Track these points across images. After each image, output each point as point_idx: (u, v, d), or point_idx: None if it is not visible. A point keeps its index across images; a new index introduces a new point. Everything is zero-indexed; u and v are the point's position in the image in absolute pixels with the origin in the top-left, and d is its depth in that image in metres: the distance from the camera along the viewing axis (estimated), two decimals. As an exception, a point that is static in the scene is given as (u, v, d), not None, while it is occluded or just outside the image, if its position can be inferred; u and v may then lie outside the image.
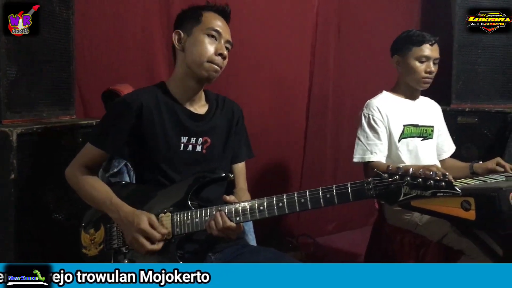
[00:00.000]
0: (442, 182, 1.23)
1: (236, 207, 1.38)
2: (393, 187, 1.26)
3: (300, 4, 3.03)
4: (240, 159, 1.72)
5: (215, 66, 1.53)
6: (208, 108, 1.64)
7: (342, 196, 1.31)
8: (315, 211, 3.22)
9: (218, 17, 1.58)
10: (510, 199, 1.40)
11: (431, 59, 2.17)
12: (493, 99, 3.13)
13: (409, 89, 2.25)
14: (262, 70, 2.89)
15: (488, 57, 3.14)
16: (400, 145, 2.17)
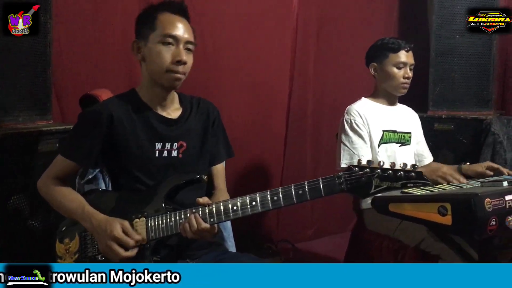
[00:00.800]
0: (412, 173, 1.26)
1: (210, 209, 1.38)
2: (364, 180, 1.28)
3: (280, 10, 3.04)
4: (219, 160, 1.69)
5: (175, 75, 1.49)
6: (182, 112, 1.61)
7: (314, 191, 1.32)
8: (294, 217, 3.27)
9: (174, 18, 1.50)
10: (486, 204, 1.42)
11: (408, 65, 2.21)
12: (468, 106, 3.19)
13: (387, 96, 2.29)
14: (242, 75, 2.89)
15: (464, 65, 3.20)
16: (379, 150, 2.20)
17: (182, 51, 1.48)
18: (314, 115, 3.34)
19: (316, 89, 3.32)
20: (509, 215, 1.48)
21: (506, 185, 1.59)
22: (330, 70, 3.39)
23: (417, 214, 1.59)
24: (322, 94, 3.37)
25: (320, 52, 3.30)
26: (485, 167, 2.09)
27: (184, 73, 1.51)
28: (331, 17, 3.34)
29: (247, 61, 2.91)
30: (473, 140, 3.04)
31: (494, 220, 1.44)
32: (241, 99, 2.92)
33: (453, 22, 3.22)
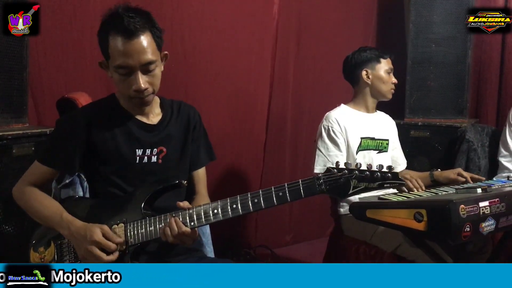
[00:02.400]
0: (388, 173, 1.31)
1: (190, 212, 1.37)
2: (342, 181, 1.31)
3: (261, 16, 3.06)
4: (200, 165, 1.67)
5: (140, 100, 1.45)
6: (162, 117, 1.59)
7: (294, 193, 1.33)
8: (272, 222, 3.27)
9: (124, 44, 1.38)
10: (461, 211, 1.45)
11: (392, 71, 2.31)
12: (444, 114, 3.25)
13: (367, 103, 2.32)
14: (222, 80, 2.89)
15: (439, 74, 3.27)
16: (358, 157, 2.22)
17: (139, 79, 1.40)
18: (293, 121, 3.36)
19: (295, 95, 3.34)
20: (482, 222, 1.51)
21: (480, 192, 1.63)
22: (309, 76, 3.41)
23: (394, 220, 1.61)
24: (301, 99, 3.39)
25: (299, 58, 3.33)
26: (456, 174, 2.14)
27: (148, 94, 1.46)
28: (311, 25, 3.37)
29: (228, 66, 2.91)
30: (448, 147, 3.10)
31: (469, 227, 1.47)
32: (221, 103, 2.92)
33: (430, 31, 3.29)
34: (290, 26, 3.24)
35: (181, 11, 2.62)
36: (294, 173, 3.40)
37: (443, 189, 1.93)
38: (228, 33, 2.88)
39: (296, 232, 3.50)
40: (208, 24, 2.77)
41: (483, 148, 3.03)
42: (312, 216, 3.51)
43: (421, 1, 3.29)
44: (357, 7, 3.70)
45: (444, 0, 3.23)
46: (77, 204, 1.51)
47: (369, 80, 2.30)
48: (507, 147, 2.86)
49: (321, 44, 3.44)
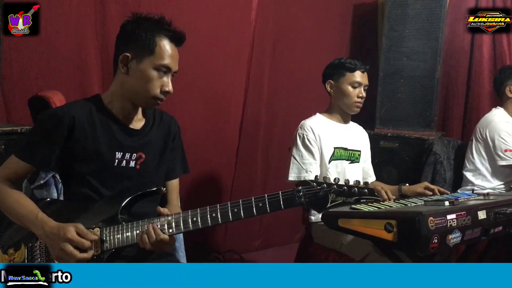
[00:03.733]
0: (365, 189, 1.37)
1: (169, 219, 1.38)
2: (321, 195, 1.36)
3: (238, 22, 3.07)
4: (175, 175, 1.70)
5: (158, 102, 1.51)
6: (145, 123, 1.60)
7: (274, 205, 1.37)
8: (242, 228, 3.28)
9: (172, 49, 1.50)
10: (429, 223, 1.50)
11: (362, 85, 2.28)
12: (412, 126, 3.34)
13: (341, 113, 2.35)
14: (197, 85, 2.88)
15: (409, 87, 3.36)
16: (330, 167, 2.25)
17: (170, 82, 1.51)
18: (266, 127, 3.38)
19: (269, 101, 3.36)
20: (449, 234, 1.56)
21: (447, 204, 1.68)
22: (284, 84, 3.45)
23: (365, 230, 1.65)
24: (275, 106, 3.42)
25: (275, 66, 3.36)
26: (423, 188, 2.20)
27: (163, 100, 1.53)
28: (287, 32, 3.41)
29: (203, 70, 2.91)
30: (415, 158, 3.19)
31: (436, 238, 1.52)
32: (195, 107, 2.91)
33: (401, 45, 3.38)
34: (266, 33, 3.27)
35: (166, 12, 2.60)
36: (265, 179, 3.42)
37: (412, 201, 1.98)
38: (205, 38, 2.88)
39: (265, 238, 3.52)
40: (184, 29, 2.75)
41: (449, 161, 3.13)
42: (281, 222, 3.54)
43: (394, 15, 3.38)
44: (332, 17, 3.76)
45: (416, 16, 3.33)
46: (52, 206, 1.48)
47: (332, 92, 2.33)
48: (472, 162, 2.97)
49: (296, 52, 3.48)
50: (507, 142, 2.81)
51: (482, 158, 2.93)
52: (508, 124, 2.88)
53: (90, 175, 1.48)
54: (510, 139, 2.82)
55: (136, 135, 1.56)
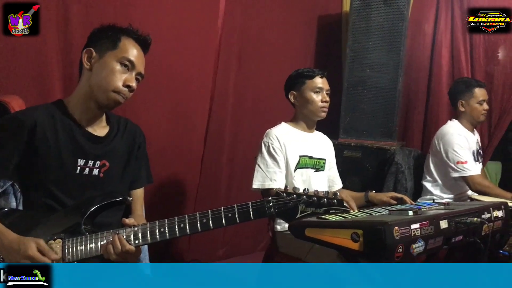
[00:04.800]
0: (334, 200, 1.38)
1: (135, 230, 1.34)
2: (291, 205, 1.36)
3: (204, 30, 3.05)
4: (139, 184, 1.67)
5: (119, 97, 1.48)
6: (109, 131, 1.57)
7: (244, 215, 1.37)
8: (205, 237, 3.24)
9: (136, 47, 1.52)
10: (394, 233, 1.52)
11: (324, 89, 2.32)
12: (375, 136, 3.41)
13: (306, 122, 2.37)
14: (162, 94, 2.83)
15: (372, 98, 3.43)
16: (295, 175, 2.27)
17: (134, 78, 1.50)
18: (231, 137, 3.37)
19: (235, 111, 3.35)
20: (413, 243, 1.59)
21: (411, 214, 1.72)
22: (249, 93, 3.45)
23: (332, 240, 1.65)
24: (240, 116, 3.41)
25: (240, 75, 3.35)
26: (389, 197, 2.24)
27: (125, 99, 1.50)
28: (253, 42, 3.42)
29: (168, 78, 2.86)
30: (378, 168, 3.25)
31: (401, 248, 1.54)
32: (160, 118, 2.86)
33: (365, 57, 3.46)
34: (233, 41, 3.26)
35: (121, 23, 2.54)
36: (230, 188, 3.41)
37: (377, 210, 2.00)
38: (170, 45, 2.84)
39: (229, 247, 3.49)
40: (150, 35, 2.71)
41: (409, 171, 3.21)
42: (245, 231, 3.53)
43: (358, 27, 3.46)
44: (298, 27, 3.80)
45: (379, 29, 3.42)
46: (10, 216, 1.42)
47: (297, 102, 2.35)
48: (430, 173, 3.05)
49: (262, 61, 3.50)
50: (460, 155, 2.90)
51: (438, 170, 3.02)
52: (462, 137, 2.97)
53: (51, 184, 1.43)
54: (463, 151, 2.91)
55: (100, 142, 1.53)
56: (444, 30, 3.80)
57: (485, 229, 1.90)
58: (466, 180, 2.89)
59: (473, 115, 3.03)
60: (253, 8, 3.39)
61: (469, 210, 1.91)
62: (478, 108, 3.02)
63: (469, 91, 3.04)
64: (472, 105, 3.02)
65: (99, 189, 1.49)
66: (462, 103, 3.04)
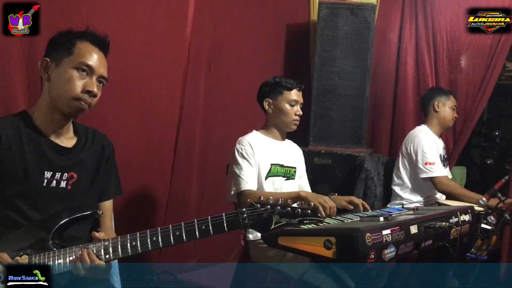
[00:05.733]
0: (308, 210, 1.38)
1: (106, 244, 1.30)
2: (265, 216, 1.35)
3: (173, 38, 3.02)
4: (108, 196, 1.63)
5: (81, 104, 1.44)
6: (76, 141, 1.53)
7: (218, 227, 1.35)
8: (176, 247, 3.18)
9: (94, 50, 1.47)
10: (367, 239, 1.53)
11: (299, 103, 2.33)
12: (344, 143, 3.46)
13: (277, 131, 2.38)
14: (130, 103, 2.78)
15: (341, 105, 3.48)
16: (266, 183, 2.26)
17: (94, 83, 1.45)
18: (202, 145, 3.34)
19: (205, 120, 3.33)
20: (385, 249, 1.61)
21: (382, 220, 1.74)
22: (219, 101, 3.43)
23: (305, 248, 1.65)
24: (210, 124, 3.39)
25: (210, 83, 3.34)
26: (347, 201, 2.23)
27: (90, 105, 1.45)
28: (223, 51, 3.41)
29: (137, 86, 2.82)
30: (348, 174, 3.29)
31: (373, 253, 1.55)
32: (129, 127, 2.80)
33: (333, 65, 3.51)
34: (202, 50, 3.25)
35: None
36: (201, 198, 3.37)
37: (348, 217, 2.02)
38: (139, 53, 2.80)
39: (200, 257, 3.44)
40: (118, 43, 2.66)
41: (379, 177, 3.26)
42: (217, 240, 3.48)
43: (326, 36, 3.51)
44: (267, 36, 3.82)
45: (346, 37, 3.48)
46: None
47: (270, 110, 2.35)
48: (399, 176, 3.11)
49: (232, 70, 3.50)
50: (428, 156, 2.98)
51: (407, 172, 3.09)
52: (431, 139, 3.07)
53: (17, 197, 1.38)
54: (431, 153, 2.99)
55: (67, 153, 1.48)
56: (409, 38, 3.89)
57: (453, 233, 1.95)
58: (433, 181, 2.96)
59: (445, 118, 3.13)
60: (222, 17, 3.39)
61: (437, 215, 1.95)
62: (451, 112, 3.14)
63: (446, 95, 3.17)
64: (447, 108, 3.13)
65: (66, 202, 1.44)
66: (438, 104, 3.13)
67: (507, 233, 3.31)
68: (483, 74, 3.55)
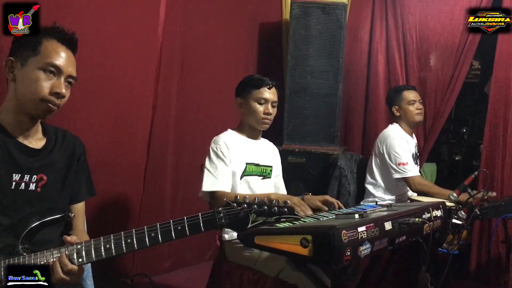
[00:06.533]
0: (285, 208, 1.38)
1: (78, 248, 1.27)
2: (242, 215, 1.34)
3: (144, 38, 2.98)
4: (80, 198, 1.59)
5: (49, 106, 1.39)
6: (46, 142, 1.48)
7: (194, 227, 1.33)
8: (150, 249, 3.14)
9: (61, 48, 1.41)
10: (343, 236, 1.54)
11: (269, 101, 2.31)
12: (318, 141, 3.48)
13: (251, 129, 2.36)
14: (102, 103, 2.72)
15: (314, 104, 3.51)
16: (242, 182, 2.25)
17: (62, 84, 1.39)
18: (175, 145, 3.31)
19: (178, 119, 3.30)
20: (360, 246, 1.61)
21: (357, 217, 1.74)
22: (193, 100, 3.41)
23: (281, 246, 1.65)
24: (184, 124, 3.36)
25: (183, 82, 3.31)
26: (321, 201, 2.21)
27: (58, 106, 1.40)
28: (195, 49, 3.39)
29: (109, 89, 2.76)
30: (322, 172, 3.31)
31: (349, 251, 1.56)
32: (101, 127, 2.75)
33: (306, 64, 3.53)
34: (174, 48, 3.22)
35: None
36: (175, 198, 3.34)
37: (324, 215, 2.03)
38: (110, 53, 2.75)
39: (175, 258, 3.42)
40: (88, 44, 2.61)
41: (352, 174, 3.29)
42: (192, 241, 3.47)
43: (299, 35, 3.52)
44: (239, 34, 3.82)
45: (318, 36, 3.50)
46: None
47: (242, 109, 2.34)
48: (372, 175, 3.15)
49: (205, 68, 3.48)
50: (401, 156, 3.02)
51: (380, 172, 3.12)
52: (402, 139, 3.10)
53: None
54: (404, 153, 3.03)
55: (36, 155, 1.43)
56: (380, 37, 3.94)
57: (426, 228, 1.97)
58: (407, 181, 3.00)
59: (407, 117, 3.16)
60: (194, 16, 3.36)
61: (410, 211, 1.97)
62: (410, 108, 3.15)
63: (399, 95, 3.19)
64: (403, 107, 3.16)
65: (36, 205, 1.40)
66: (396, 108, 3.18)
67: (476, 227, 3.40)
68: (451, 72, 3.62)
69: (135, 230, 1.29)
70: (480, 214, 2.45)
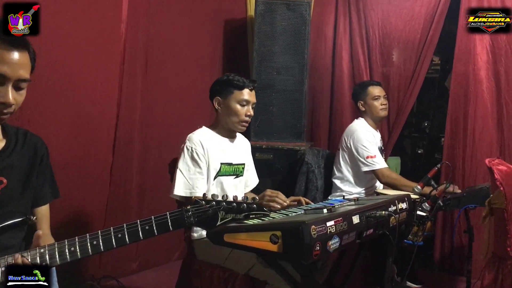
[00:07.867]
0: (254, 205, 1.37)
1: (42, 252, 1.23)
2: (210, 213, 1.33)
3: (107, 34, 2.91)
4: (44, 201, 1.52)
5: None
6: (5, 144, 1.42)
7: (162, 227, 1.31)
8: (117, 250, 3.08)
9: (5, 52, 1.28)
10: (312, 231, 1.55)
11: (250, 103, 2.27)
12: (285, 137, 3.50)
13: (228, 130, 2.31)
14: (63, 102, 2.65)
15: (280, 100, 3.52)
16: (215, 182, 2.22)
17: (9, 92, 1.28)
18: (141, 144, 3.26)
19: (143, 117, 3.25)
20: (329, 240, 1.63)
21: (326, 212, 1.76)
22: (158, 98, 3.36)
23: (251, 243, 1.65)
24: (149, 123, 3.31)
25: (148, 79, 3.26)
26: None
27: (9, 113, 1.31)
28: (159, 46, 3.34)
29: (71, 87, 2.68)
30: (289, 168, 3.33)
31: (318, 245, 1.58)
32: (64, 127, 2.67)
33: (271, 60, 3.53)
34: (138, 45, 3.16)
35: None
36: (142, 197, 3.29)
37: (293, 210, 2.04)
38: (72, 51, 2.68)
39: (142, 259, 3.37)
40: (49, 41, 2.53)
41: (319, 170, 3.32)
42: (158, 241, 3.42)
43: (264, 31, 3.52)
44: (204, 31, 3.78)
45: (283, 33, 3.52)
46: None
47: (220, 109, 2.29)
48: (340, 169, 3.19)
49: (170, 65, 3.43)
50: (369, 150, 3.07)
51: (348, 166, 3.17)
52: (369, 133, 3.16)
53: None
54: (371, 146, 3.09)
55: None
56: (343, 34, 3.99)
57: (392, 221, 2.02)
58: (375, 173, 3.06)
59: (372, 112, 3.22)
60: (158, 12, 3.31)
61: (377, 204, 2.01)
62: (374, 104, 3.21)
63: (363, 91, 3.25)
64: (368, 102, 3.22)
65: None
66: (361, 103, 3.23)
67: (440, 218, 3.50)
68: (413, 67, 3.70)
69: (101, 231, 1.26)
70: (443, 206, 2.53)
